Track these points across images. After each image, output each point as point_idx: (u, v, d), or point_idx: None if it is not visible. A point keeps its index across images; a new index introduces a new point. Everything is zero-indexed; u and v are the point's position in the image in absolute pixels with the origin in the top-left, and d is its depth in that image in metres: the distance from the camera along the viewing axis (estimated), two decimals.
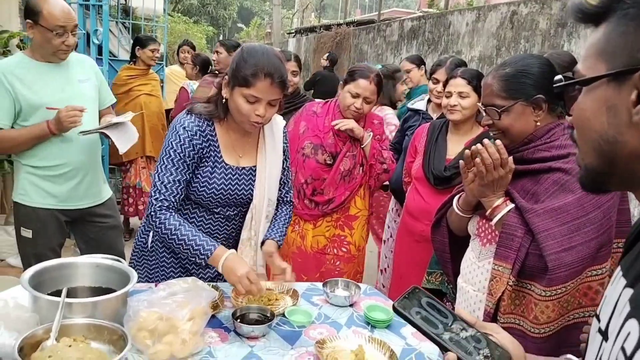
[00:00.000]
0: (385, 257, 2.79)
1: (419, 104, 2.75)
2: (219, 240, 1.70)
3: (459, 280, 1.58)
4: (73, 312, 1.27)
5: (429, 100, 2.70)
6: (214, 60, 3.86)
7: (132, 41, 4.14)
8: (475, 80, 2.08)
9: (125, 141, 2.24)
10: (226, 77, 1.58)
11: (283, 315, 1.56)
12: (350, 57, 8.99)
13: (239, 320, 1.46)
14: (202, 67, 4.19)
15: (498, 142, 1.35)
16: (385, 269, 2.80)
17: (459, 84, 2.09)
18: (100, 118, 2.32)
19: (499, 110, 1.36)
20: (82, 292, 1.47)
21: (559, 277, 1.26)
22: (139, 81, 3.85)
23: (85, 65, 2.25)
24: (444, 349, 0.78)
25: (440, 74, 2.54)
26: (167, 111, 4.16)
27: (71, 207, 2.21)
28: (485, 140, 1.34)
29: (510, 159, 1.34)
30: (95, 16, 3.98)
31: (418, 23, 6.60)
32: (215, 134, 1.62)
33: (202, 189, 1.63)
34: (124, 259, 2.43)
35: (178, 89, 4.05)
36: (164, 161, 1.59)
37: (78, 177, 2.19)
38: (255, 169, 1.69)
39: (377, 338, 1.46)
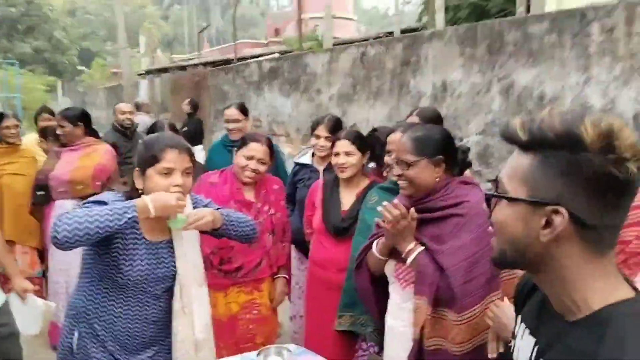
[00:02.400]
0: (294, 305, 2.94)
1: (305, 157, 2.99)
2: (151, 320, 1.77)
3: (387, 318, 1.82)
4: None
5: (313, 154, 2.94)
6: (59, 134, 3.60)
7: None
8: (357, 140, 2.37)
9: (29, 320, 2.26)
10: (136, 169, 1.69)
11: None
12: (211, 97, 9.04)
13: None
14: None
15: (395, 201, 1.68)
16: (295, 315, 2.94)
17: (344, 145, 2.36)
18: None
19: (408, 164, 1.69)
20: None
21: (466, 304, 1.59)
22: (3, 160, 3.55)
23: None
24: None
25: (321, 130, 2.80)
26: None
27: None
28: (384, 203, 1.66)
29: (412, 209, 1.66)
30: None
31: (276, 64, 6.93)
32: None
33: (127, 270, 1.67)
34: None
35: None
36: (83, 212, 1.56)
37: None
38: (171, 241, 1.78)
39: None
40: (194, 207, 1.84)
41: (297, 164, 3.00)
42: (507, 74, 3.87)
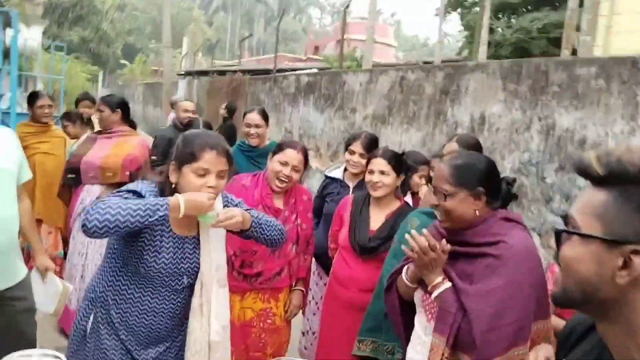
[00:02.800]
0: (308, 320, 2.89)
1: (336, 172, 2.96)
2: (168, 315, 1.76)
3: (409, 349, 1.74)
4: None
5: (345, 169, 2.92)
6: (97, 118, 3.70)
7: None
8: (393, 160, 2.33)
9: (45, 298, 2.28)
10: (172, 162, 1.68)
11: None
12: (247, 105, 9.14)
13: None
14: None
15: (425, 231, 1.59)
16: (307, 331, 2.89)
17: (380, 163, 2.32)
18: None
19: (445, 194, 1.59)
20: None
21: (487, 355, 1.47)
22: (36, 139, 3.62)
23: (3, 137, 2.13)
24: None
25: (356, 146, 2.78)
26: None
27: None
28: (413, 232, 1.58)
29: (444, 242, 1.57)
30: None
31: (314, 79, 6.98)
32: None
33: (152, 261, 1.67)
34: (34, 344, 2.29)
35: None
36: (113, 196, 1.61)
37: None
38: (198, 238, 1.77)
39: None
40: (225, 207, 1.83)
41: (327, 177, 2.98)
42: (549, 114, 3.80)
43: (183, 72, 14.87)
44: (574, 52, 5.57)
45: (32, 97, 3.70)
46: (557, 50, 5.36)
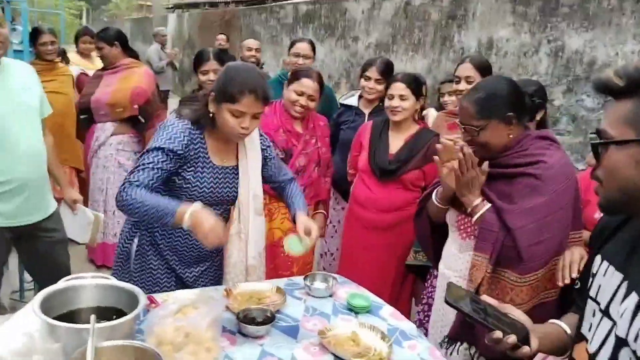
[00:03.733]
0: (326, 242, 3.02)
1: (351, 99, 2.98)
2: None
3: (441, 266, 1.83)
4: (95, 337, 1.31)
5: (360, 96, 2.93)
6: (98, 56, 3.65)
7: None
8: (413, 83, 2.35)
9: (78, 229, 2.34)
10: (212, 93, 1.70)
11: (278, 312, 1.71)
12: (241, 37, 8.92)
13: (244, 322, 1.59)
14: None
15: (467, 148, 1.59)
16: (326, 252, 3.02)
17: (399, 88, 2.34)
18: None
19: (477, 130, 1.59)
20: (86, 314, 1.48)
21: (531, 267, 1.56)
22: (42, 77, 3.57)
23: (24, 72, 2.12)
24: (489, 329, 1.01)
25: (372, 72, 2.77)
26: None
27: (19, 224, 2.11)
28: (463, 148, 1.58)
29: (486, 163, 1.59)
30: None
31: (313, 7, 6.78)
32: (205, 141, 1.77)
33: (194, 189, 1.75)
34: (70, 273, 2.40)
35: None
36: (151, 151, 1.67)
37: (26, 192, 2.08)
38: (237, 168, 1.85)
39: (366, 323, 1.67)
40: (261, 144, 1.92)
41: (342, 104, 3.00)
42: (558, 37, 3.77)
43: (172, 6, 14.35)
44: None
45: (34, 34, 3.60)
46: None
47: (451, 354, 1.76)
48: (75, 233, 2.45)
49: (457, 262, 1.76)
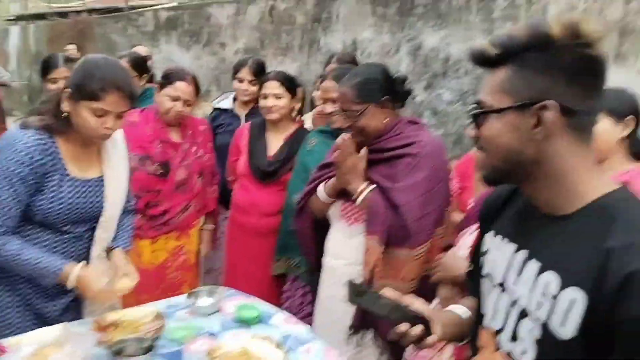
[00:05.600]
0: (210, 258, 2.84)
1: (225, 102, 2.84)
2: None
3: (327, 259, 1.80)
4: None
5: (234, 99, 2.81)
6: None
7: None
8: (287, 81, 2.29)
9: None
10: (67, 90, 1.48)
11: (157, 339, 1.53)
12: (98, 48, 8.29)
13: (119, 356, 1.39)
14: None
15: (347, 136, 1.63)
16: (210, 269, 2.84)
17: (273, 86, 2.27)
18: None
19: (357, 114, 1.62)
20: None
21: (419, 240, 1.62)
22: None
23: None
24: (394, 323, 0.96)
25: (244, 73, 2.67)
26: None
27: None
28: (342, 135, 1.62)
29: (364, 149, 1.63)
30: None
31: (175, 13, 6.50)
32: (58, 148, 1.52)
33: (50, 206, 1.51)
34: None
35: None
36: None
37: None
38: (102, 180, 1.63)
39: (258, 334, 1.56)
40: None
41: (216, 109, 2.85)
42: (416, 35, 3.99)
43: (14, 17, 12.90)
44: None
45: None
46: None
47: (358, 342, 1.74)
48: None
49: (345, 249, 1.77)
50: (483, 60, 0.87)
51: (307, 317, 2.11)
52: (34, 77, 10.38)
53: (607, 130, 1.56)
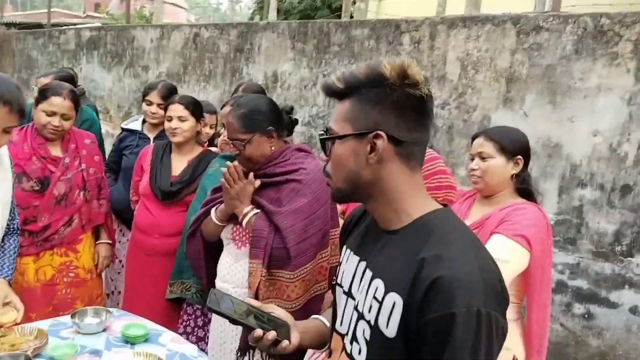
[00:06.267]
0: (112, 280, 2.79)
1: (134, 124, 2.85)
2: None
3: (218, 281, 1.85)
4: None
5: (144, 121, 2.82)
6: None
7: None
8: (191, 105, 2.36)
9: None
10: None
11: (37, 356, 1.51)
12: (14, 64, 7.94)
13: None
14: None
15: (235, 163, 1.71)
16: (113, 291, 2.79)
17: (177, 109, 2.33)
18: None
19: (243, 143, 1.71)
20: None
21: (300, 262, 1.70)
22: None
23: None
24: (250, 329, 1.03)
25: (153, 97, 2.71)
26: None
27: None
28: (227, 163, 1.67)
29: (251, 175, 1.72)
30: None
31: (98, 34, 6.40)
32: None
33: None
34: None
35: None
36: None
37: None
38: None
39: (143, 351, 1.58)
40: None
41: (124, 129, 2.85)
42: (332, 71, 4.20)
43: None
44: (351, 18, 6.18)
45: None
46: (339, 19, 5.92)
47: None
48: None
49: (233, 273, 1.82)
50: (332, 92, 0.98)
51: (201, 340, 2.14)
52: None
53: (500, 167, 1.75)
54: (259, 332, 1.04)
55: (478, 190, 1.84)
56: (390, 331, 0.89)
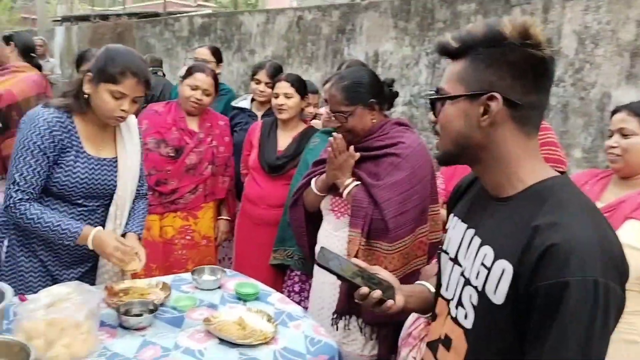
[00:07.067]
0: (223, 247, 3.00)
1: (244, 102, 3.02)
2: None
3: (318, 248, 1.91)
4: None
5: (253, 99, 2.98)
6: None
7: None
8: (297, 82, 2.46)
9: None
10: (89, 74, 1.63)
11: (162, 305, 1.68)
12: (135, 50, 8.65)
13: (125, 316, 1.54)
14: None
15: (339, 135, 1.74)
16: (223, 257, 3.00)
17: (284, 87, 2.44)
18: None
19: (345, 115, 1.74)
20: None
21: (398, 235, 1.72)
22: None
23: None
24: (355, 287, 1.08)
25: (261, 75, 2.84)
26: None
27: None
28: (334, 134, 1.74)
29: (352, 147, 1.75)
30: None
31: (209, 20, 6.78)
32: (75, 126, 1.68)
33: (65, 180, 1.66)
34: None
35: None
36: (22, 153, 1.61)
37: None
38: (116, 160, 1.78)
39: (253, 308, 1.70)
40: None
41: (234, 108, 3.03)
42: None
43: (60, 18, 13.54)
44: None
45: None
46: None
47: (345, 327, 1.84)
48: None
49: (333, 241, 1.88)
50: (445, 51, 0.96)
51: (300, 305, 2.25)
52: (75, 75, 10.86)
53: None
54: (365, 289, 1.07)
55: (615, 170, 1.69)
56: (498, 298, 0.88)
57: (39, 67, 3.42)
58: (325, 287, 1.92)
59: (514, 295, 0.85)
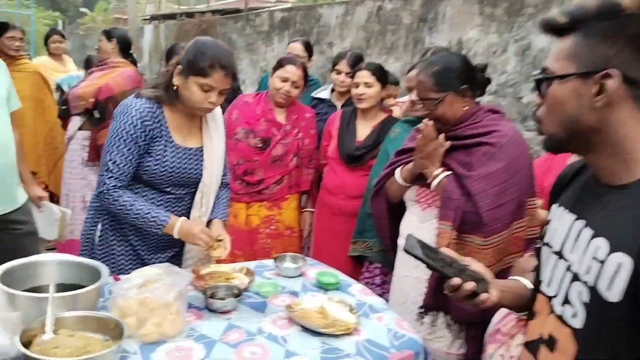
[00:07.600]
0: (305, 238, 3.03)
1: (323, 93, 3.02)
2: None
3: (401, 242, 1.86)
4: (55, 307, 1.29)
5: (333, 90, 2.97)
6: (96, 50, 3.66)
7: None
8: (377, 71, 2.41)
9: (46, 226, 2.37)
10: (178, 66, 1.68)
11: (246, 290, 1.70)
12: None
13: (211, 299, 1.58)
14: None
15: (430, 122, 1.66)
16: (303, 247, 3.02)
17: (364, 76, 2.39)
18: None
19: (435, 102, 1.66)
20: (48, 290, 1.46)
21: (494, 229, 1.62)
22: None
23: None
24: (446, 277, 1.02)
25: (342, 66, 2.82)
26: None
27: None
28: (424, 121, 1.66)
29: (442, 135, 1.66)
30: None
31: (288, 14, 6.85)
32: (165, 117, 1.74)
33: (155, 168, 1.73)
34: None
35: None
36: (114, 141, 1.68)
37: None
38: (202, 150, 1.83)
39: (334, 297, 1.68)
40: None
41: (314, 98, 3.03)
42: (525, 36, 3.88)
43: (148, 17, 14.31)
44: None
45: (1, 28, 3.53)
46: None
47: (432, 323, 1.78)
48: (43, 230, 2.40)
49: (418, 233, 1.79)
50: (552, 28, 0.88)
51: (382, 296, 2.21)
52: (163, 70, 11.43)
53: None
54: (457, 280, 1.01)
55: None
56: (614, 294, 0.79)
57: (135, 63, 3.61)
58: (407, 281, 1.86)
59: (633, 292, 0.77)
